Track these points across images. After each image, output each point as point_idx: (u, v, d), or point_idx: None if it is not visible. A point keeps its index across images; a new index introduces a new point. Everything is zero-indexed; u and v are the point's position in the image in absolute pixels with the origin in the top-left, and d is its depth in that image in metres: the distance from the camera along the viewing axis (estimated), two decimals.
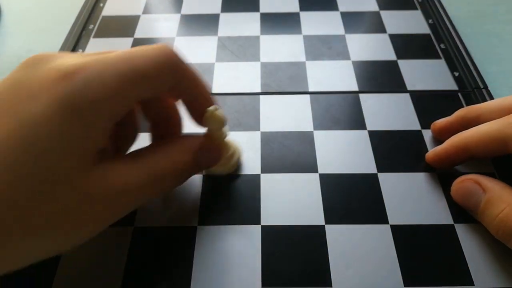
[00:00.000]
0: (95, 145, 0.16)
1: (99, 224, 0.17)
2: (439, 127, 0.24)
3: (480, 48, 0.31)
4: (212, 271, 0.19)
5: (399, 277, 0.19)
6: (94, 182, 0.15)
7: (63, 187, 0.15)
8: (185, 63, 0.19)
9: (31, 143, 0.14)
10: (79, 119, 0.15)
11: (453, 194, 0.21)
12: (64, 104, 0.15)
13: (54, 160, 0.15)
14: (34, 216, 0.14)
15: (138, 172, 0.17)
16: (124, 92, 0.16)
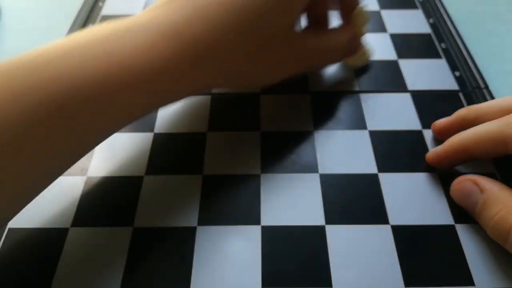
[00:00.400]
0: (295, 15, 0.22)
1: (281, 72, 0.23)
2: (439, 127, 0.24)
3: (481, 47, 0.31)
4: (212, 271, 0.19)
5: (400, 277, 0.19)
6: (289, 37, 0.22)
7: (273, 40, 0.21)
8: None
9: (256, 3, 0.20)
10: None
11: (452, 194, 0.21)
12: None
13: (273, 18, 0.20)
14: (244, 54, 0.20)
15: (315, 40, 0.24)
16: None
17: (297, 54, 0.23)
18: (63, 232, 0.20)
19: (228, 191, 0.22)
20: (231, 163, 0.23)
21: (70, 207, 0.21)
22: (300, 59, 0.23)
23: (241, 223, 0.21)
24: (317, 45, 0.24)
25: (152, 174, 0.23)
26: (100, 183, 0.22)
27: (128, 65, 0.17)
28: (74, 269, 0.19)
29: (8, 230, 0.20)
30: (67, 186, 0.22)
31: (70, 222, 0.21)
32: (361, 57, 0.28)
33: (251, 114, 0.26)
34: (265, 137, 0.24)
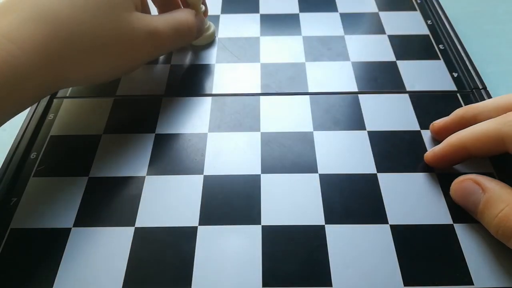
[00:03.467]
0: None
1: (137, 56, 0.24)
2: (437, 127, 0.24)
3: (479, 48, 0.31)
4: (213, 271, 0.19)
5: (399, 276, 0.19)
6: (137, 20, 0.22)
7: (119, 21, 0.22)
8: None
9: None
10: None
11: (452, 194, 0.21)
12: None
13: (116, 2, 0.21)
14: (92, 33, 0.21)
15: (163, 21, 0.24)
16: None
17: (150, 36, 0.23)
18: (65, 232, 0.20)
19: (229, 191, 0.22)
20: (231, 163, 0.23)
21: (72, 208, 0.21)
22: (154, 40, 0.24)
23: (242, 223, 0.21)
24: (166, 24, 0.24)
25: (154, 174, 0.23)
26: (102, 183, 0.22)
27: None
28: (76, 269, 0.19)
29: (10, 230, 0.21)
30: (69, 186, 0.22)
31: (72, 223, 0.21)
32: (205, 35, 0.30)
33: (251, 115, 0.26)
34: (265, 137, 0.25)
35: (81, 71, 0.21)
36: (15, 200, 0.22)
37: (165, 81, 0.28)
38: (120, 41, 0.22)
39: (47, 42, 0.19)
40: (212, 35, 0.31)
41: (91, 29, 0.21)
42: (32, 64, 0.19)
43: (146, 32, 0.23)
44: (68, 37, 0.20)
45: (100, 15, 0.21)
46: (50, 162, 0.24)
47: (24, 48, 0.18)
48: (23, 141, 0.24)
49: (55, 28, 0.19)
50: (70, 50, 0.20)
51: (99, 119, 0.26)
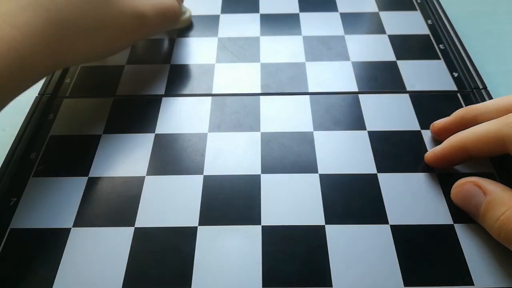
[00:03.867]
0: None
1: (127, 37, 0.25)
2: (438, 128, 0.24)
3: (479, 48, 0.31)
4: (213, 271, 0.19)
5: (399, 277, 0.19)
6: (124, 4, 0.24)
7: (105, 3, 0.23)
8: None
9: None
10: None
11: (453, 197, 0.21)
12: None
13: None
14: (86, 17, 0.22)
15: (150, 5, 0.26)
16: None
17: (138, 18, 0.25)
18: (65, 232, 0.20)
19: (228, 191, 0.22)
20: (231, 163, 0.23)
21: (72, 208, 0.21)
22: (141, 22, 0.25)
23: (242, 223, 0.21)
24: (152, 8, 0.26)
25: (153, 174, 0.23)
26: (102, 183, 0.22)
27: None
28: (76, 269, 0.19)
29: (10, 230, 0.21)
30: (69, 186, 0.22)
31: (72, 223, 0.21)
32: (183, 18, 0.32)
33: (251, 115, 0.26)
34: (265, 137, 0.25)
35: (77, 52, 0.23)
36: (15, 200, 0.22)
37: (165, 81, 0.28)
38: (110, 24, 0.23)
39: (46, 27, 0.20)
40: (189, 19, 0.33)
41: (84, 13, 0.22)
42: (33, 48, 0.20)
43: (133, 16, 0.25)
44: (65, 22, 0.21)
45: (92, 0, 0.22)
46: (50, 162, 0.24)
47: (25, 33, 0.19)
48: (23, 141, 0.24)
49: (52, 14, 0.21)
50: (67, 34, 0.21)
51: (99, 119, 0.26)
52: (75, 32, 0.22)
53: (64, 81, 0.29)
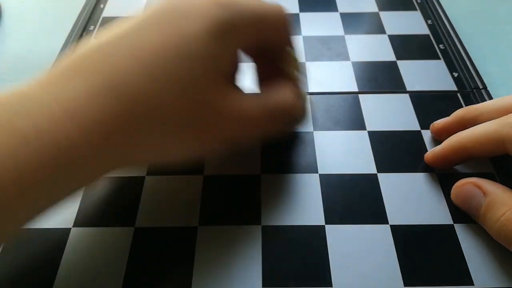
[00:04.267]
0: (227, 69, 0.19)
1: (215, 142, 0.19)
2: (438, 128, 0.24)
3: (480, 48, 0.31)
4: (213, 271, 0.19)
5: (399, 277, 0.19)
6: (222, 100, 0.18)
7: (203, 101, 0.17)
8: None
9: (184, 57, 0.17)
10: (222, 43, 0.18)
11: (453, 198, 0.21)
12: (216, 26, 0.17)
13: (199, 74, 0.17)
14: (173, 116, 0.17)
15: (257, 103, 0.20)
16: (254, 32, 0.19)
17: (236, 117, 0.19)
18: (65, 232, 0.20)
19: (228, 191, 0.22)
20: (231, 163, 0.23)
21: (72, 208, 0.21)
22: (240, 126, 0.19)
23: (242, 223, 0.21)
24: (258, 109, 0.19)
25: (153, 174, 0.23)
26: (102, 183, 0.22)
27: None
28: (76, 269, 0.19)
29: None
30: None
31: (72, 223, 0.21)
32: None
33: None
34: None
35: (145, 154, 0.18)
36: None
37: None
38: (197, 124, 0.18)
39: (114, 122, 0.16)
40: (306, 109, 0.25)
41: (169, 109, 0.17)
42: (89, 147, 0.15)
43: (230, 117, 0.18)
44: (140, 118, 0.16)
45: (182, 94, 0.17)
46: None
47: (84, 128, 0.15)
48: None
49: (126, 107, 0.16)
50: (138, 133, 0.16)
51: None
52: (149, 132, 0.17)
53: None
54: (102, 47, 0.17)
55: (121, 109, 0.16)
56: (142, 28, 0.17)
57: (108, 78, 0.16)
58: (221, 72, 0.18)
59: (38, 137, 0.14)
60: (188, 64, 0.17)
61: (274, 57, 0.22)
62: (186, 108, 0.17)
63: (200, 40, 0.17)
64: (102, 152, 0.16)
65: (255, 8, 0.19)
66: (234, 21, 0.18)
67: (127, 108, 0.16)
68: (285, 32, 0.21)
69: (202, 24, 0.17)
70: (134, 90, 0.16)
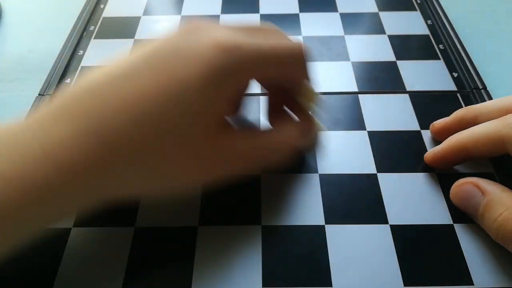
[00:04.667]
0: (222, 110, 0.19)
1: (202, 178, 0.20)
2: (437, 128, 0.24)
3: (479, 48, 0.31)
4: (213, 271, 0.19)
5: (399, 277, 0.19)
6: (219, 145, 0.18)
7: (195, 143, 0.17)
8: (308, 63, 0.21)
9: (174, 102, 0.17)
10: (220, 86, 0.17)
11: (452, 198, 0.21)
12: (214, 73, 0.17)
13: (195, 118, 0.17)
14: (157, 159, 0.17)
15: (247, 142, 0.20)
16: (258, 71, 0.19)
17: (224, 156, 0.19)
18: (65, 232, 0.20)
19: (229, 191, 0.22)
20: None
21: None
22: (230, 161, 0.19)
23: (242, 223, 0.21)
24: (251, 145, 0.20)
25: None
26: None
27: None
28: (76, 269, 0.19)
29: None
30: None
31: (72, 223, 0.21)
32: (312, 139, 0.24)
33: (251, 115, 0.26)
34: None
35: (127, 193, 0.18)
36: None
37: None
38: (182, 167, 0.18)
39: (94, 165, 0.16)
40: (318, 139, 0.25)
41: (152, 154, 0.17)
42: (68, 187, 0.16)
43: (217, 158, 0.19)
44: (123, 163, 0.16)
45: (168, 138, 0.17)
46: None
47: (63, 170, 0.15)
48: None
49: (107, 150, 0.16)
50: (118, 176, 0.17)
51: None
52: (131, 174, 0.17)
53: (64, 81, 0.29)
54: (94, 89, 0.17)
55: (102, 153, 0.16)
56: (136, 70, 0.17)
57: (95, 122, 0.16)
58: (213, 116, 0.18)
59: (16, 176, 0.15)
60: (178, 110, 0.17)
61: (290, 90, 0.22)
62: (170, 152, 0.17)
63: (195, 86, 0.17)
64: (81, 192, 0.16)
65: (267, 49, 0.19)
66: (235, 67, 0.18)
67: (108, 151, 0.16)
68: (301, 69, 0.21)
69: (200, 70, 0.17)
70: (117, 134, 0.16)
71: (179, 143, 0.17)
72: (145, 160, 0.17)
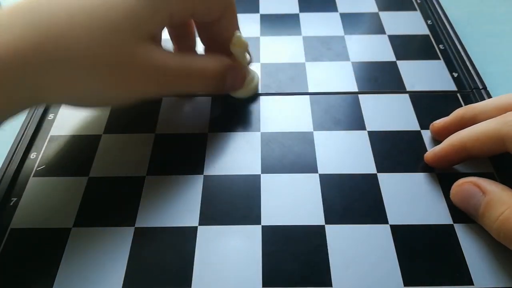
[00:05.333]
0: (151, 28, 0.20)
1: (132, 91, 0.21)
2: (437, 127, 0.24)
3: (479, 48, 0.31)
4: (213, 271, 0.19)
5: (399, 277, 0.19)
6: (143, 51, 0.20)
7: (121, 50, 0.19)
8: None
9: (109, 8, 0.18)
10: (150, 3, 0.19)
11: (453, 198, 0.21)
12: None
13: (123, 26, 0.19)
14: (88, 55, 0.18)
15: (176, 59, 0.21)
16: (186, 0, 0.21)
17: (154, 72, 0.20)
18: (65, 232, 0.20)
19: (228, 191, 0.22)
20: (231, 163, 0.23)
21: (72, 208, 0.21)
22: (158, 78, 0.21)
23: (242, 223, 0.21)
24: (179, 65, 0.21)
25: (154, 174, 0.23)
26: (102, 183, 0.22)
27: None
28: (76, 269, 0.19)
29: (10, 230, 0.21)
30: (69, 186, 0.22)
31: (72, 223, 0.21)
32: (246, 87, 0.26)
33: (252, 115, 0.26)
34: (265, 137, 0.25)
35: (62, 90, 0.19)
36: (15, 200, 0.22)
37: None
38: (114, 68, 0.19)
39: (29, 50, 0.17)
40: (255, 88, 0.27)
41: (84, 48, 0.18)
42: (4, 72, 0.17)
43: (149, 66, 0.20)
44: (55, 50, 0.18)
45: (101, 37, 0.18)
46: (50, 162, 0.24)
47: (2, 54, 0.17)
48: (23, 141, 0.24)
49: (42, 38, 0.18)
50: (53, 65, 0.18)
51: (99, 119, 0.26)
52: (65, 66, 0.18)
53: None
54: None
55: (36, 41, 0.17)
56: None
57: (29, 17, 0.18)
58: (146, 30, 0.20)
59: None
60: (113, 16, 0.19)
61: (223, 42, 0.24)
62: (102, 51, 0.18)
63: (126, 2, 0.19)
64: (16, 79, 0.17)
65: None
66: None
67: (42, 40, 0.18)
68: (228, 9, 0.23)
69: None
70: (51, 25, 0.18)
71: (111, 45, 0.19)
72: (78, 54, 0.18)
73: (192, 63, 0.22)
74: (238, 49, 0.24)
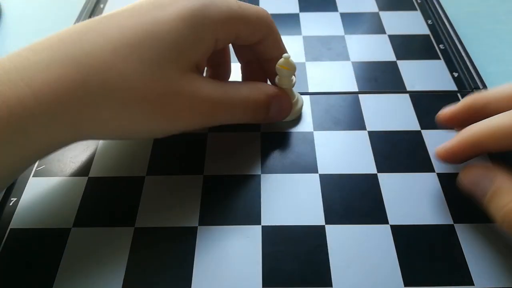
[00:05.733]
0: (197, 58, 0.20)
1: (177, 123, 0.20)
2: (446, 116, 0.23)
3: (480, 48, 0.31)
4: (213, 271, 0.19)
5: (399, 277, 0.19)
6: (189, 83, 0.19)
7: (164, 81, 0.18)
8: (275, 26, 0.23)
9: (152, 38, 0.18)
10: (195, 32, 0.19)
11: (462, 178, 0.20)
12: (190, 13, 0.19)
13: (166, 56, 0.18)
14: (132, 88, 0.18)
15: (221, 91, 0.20)
16: (231, 26, 0.21)
17: (200, 104, 0.20)
18: (65, 232, 0.20)
19: (228, 191, 0.22)
20: (231, 163, 0.23)
21: (72, 208, 0.21)
22: (204, 110, 0.20)
23: (242, 223, 0.21)
24: (224, 96, 0.20)
25: (153, 174, 0.23)
26: (102, 183, 0.22)
27: None
28: (76, 269, 0.19)
29: (10, 230, 0.21)
30: (69, 186, 0.22)
31: (72, 223, 0.21)
32: (291, 110, 0.25)
33: None
34: (265, 138, 0.25)
35: (103, 126, 0.18)
36: (15, 200, 0.22)
37: None
38: (160, 102, 0.18)
39: (70, 90, 0.17)
40: (299, 111, 0.25)
41: (128, 81, 0.18)
42: (42, 111, 0.16)
43: (195, 98, 0.19)
44: (98, 87, 0.17)
45: (147, 70, 0.18)
46: (50, 162, 0.24)
47: (38, 93, 0.16)
48: None
49: (84, 75, 0.17)
50: (96, 102, 0.17)
51: None
52: (107, 102, 0.17)
53: None
54: (76, 28, 0.18)
55: (78, 78, 0.17)
56: (116, 14, 0.19)
57: (71, 51, 0.17)
58: (192, 61, 0.19)
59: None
60: (155, 46, 0.18)
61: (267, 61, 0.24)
62: (146, 84, 0.18)
63: (172, 25, 0.18)
64: (57, 118, 0.17)
65: (234, 5, 0.21)
66: (209, 13, 0.19)
67: (85, 76, 0.17)
68: (270, 32, 0.23)
69: (177, 12, 0.19)
70: (94, 60, 0.17)
71: (155, 77, 0.18)
72: (121, 88, 0.17)
73: (236, 94, 0.21)
74: (286, 71, 0.23)
